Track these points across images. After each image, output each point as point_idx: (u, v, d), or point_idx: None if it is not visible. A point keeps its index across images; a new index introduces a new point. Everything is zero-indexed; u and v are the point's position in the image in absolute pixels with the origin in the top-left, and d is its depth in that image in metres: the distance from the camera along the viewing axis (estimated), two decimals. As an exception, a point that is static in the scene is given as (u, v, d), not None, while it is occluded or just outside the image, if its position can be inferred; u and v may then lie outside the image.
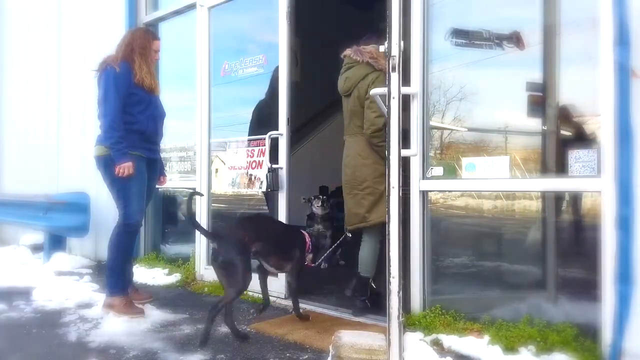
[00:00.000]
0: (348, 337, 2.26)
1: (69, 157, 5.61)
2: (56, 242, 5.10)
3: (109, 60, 3.17)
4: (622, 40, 2.08)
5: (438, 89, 2.86)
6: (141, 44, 3.25)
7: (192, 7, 4.37)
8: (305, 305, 3.30)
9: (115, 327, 2.91)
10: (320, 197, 4.59)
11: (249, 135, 3.97)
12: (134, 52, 3.20)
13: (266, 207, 4.00)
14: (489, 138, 2.80)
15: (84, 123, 5.22)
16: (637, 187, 2.05)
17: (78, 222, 4.88)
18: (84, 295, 3.59)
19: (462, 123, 2.85)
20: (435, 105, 2.89)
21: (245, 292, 3.65)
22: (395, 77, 2.09)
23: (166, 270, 4.30)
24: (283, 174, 3.61)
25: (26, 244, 5.62)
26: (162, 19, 4.80)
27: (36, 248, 5.43)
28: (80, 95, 5.34)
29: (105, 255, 3.32)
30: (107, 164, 3.09)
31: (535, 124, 2.69)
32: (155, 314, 3.16)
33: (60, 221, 4.91)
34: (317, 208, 4.58)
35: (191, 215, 3.04)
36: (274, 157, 3.64)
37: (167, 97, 3.57)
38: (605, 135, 2.17)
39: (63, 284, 3.96)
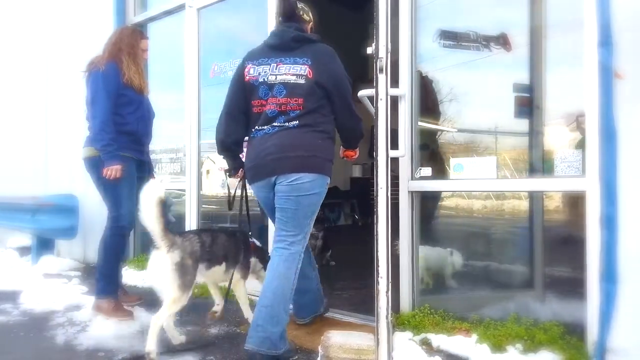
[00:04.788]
0: (337, 337, 2.27)
1: (56, 158, 5.56)
2: (44, 244, 5.05)
3: (97, 61, 3.14)
4: (606, 41, 2.11)
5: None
6: (129, 43, 3.23)
7: (181, 7, 4.36)
8: (295, 306, 3.30)
9: (104, 329, 2.89)
10: None
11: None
12: (122, 51, 3.18)
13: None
14: (476, 139, 2.83)
15: (71, 124, 5.17)
16: (621, 187, 2.08)
17: (66, 224, 4.84)
18: (72, 298, 3.56)
19: (450, 124, 2.87)
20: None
21: (234, 294, 3.66)
22: (382, 79, 2.10)
23: (156, 272, 4.28)
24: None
25: (14, 247, 5.56)
26: (151, 19, 4.77)
27: (24, 250, 5.37)
28: (68, 96, 5.29)
29: (94, 258, 3.30)
30: (97, 165, 3.06)
31: (522, 124, 2.72)
32: (144, 316, 3.13)
33: (49, 223, 4.86)
34: None
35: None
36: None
37: (157, 98, 3.55)
38: (590, 135, 2.20)
39: (51, 286, 3.92)
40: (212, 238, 2.69)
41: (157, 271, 2.45)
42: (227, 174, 2.82)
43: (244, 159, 2.67)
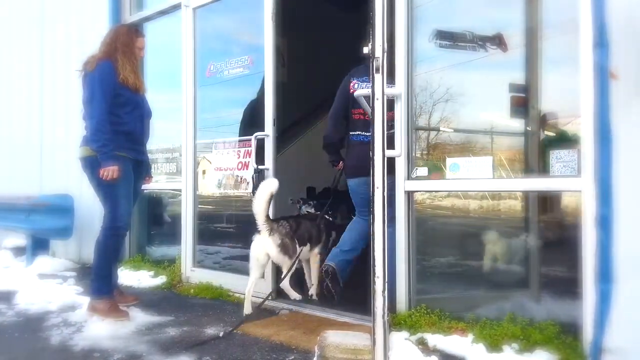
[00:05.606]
0: (333, 337, 2.26)
1: (52, 157, 5.54)
2: (39, 245, 5.04)
3: (93, 60, 3.12)
4: (601, 42, 2.12)
5: (424, 90, 2.89)
6: (124, 41, 3.21)
7: (177, 7, 4.34)
8: (291, 306, 3.30)
9: (100, 330, 2.88)
10: (311, 202, 4.60)
11: (239, 135, 3.96)
12: (117, 50, 3.16)
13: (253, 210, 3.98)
14: (472, 138, 2.83)
15: (67, 123, 5.15)
16: (616, 187, 2.09)
17: (62, 225, 4.82)
18: (67, 299, 3.55)
19: (447, 124, 2.88)
20: (422, 106, 2.92)
21: (230, 294, 3.66)
22: (379, 79, 2.10)
23: (152, 273, 4.27)
24: (269, 175, 3.61)
25: (8, 247, 5.53)
26: (147, 19, 4.76)
27: (19, 251, 5.34)
28: (64, 95, 5.27)
29: (89, 258, 3.28)
30: (93, 165, 3.03)
31: (518, 124, 2.73)
32: (140, 317, 3.13)
33: (44, 224, 4.84)
34: (306, 212, 4.60)
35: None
36: (260, 158, 3.64)
37: (153, 97, 3.53)
38: (585, 135, 2.21)
39: (46, 287, 3.91)
40: (297, 224, 3.34)
41: (262, 250, 3.14)
42: (331, 164, 3.58)
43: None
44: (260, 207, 3.09)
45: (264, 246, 3.13)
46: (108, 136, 2.99)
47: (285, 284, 3.22)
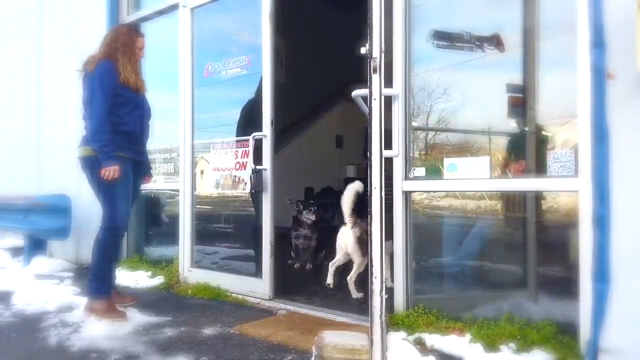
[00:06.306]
0: (331, 338, 2.26)
1: (50, 157, 5.52)
2: (36, 245, 5.02)
3: (93, 60, 3.12)
4: (598, 42, 2.12)
5: (422, 90, 2.89)
6: (124, 41, 3.20)
7: (174, 7, 4.34)
8: (289, 307, 3.30)
9: (97, 330, 2.87)
10: (312, 208, 4.61)
11: (237, 136, 3.95)
12: (117, 50, 3.15)
13: (252, 209, 3.99)
14: (470, 139, 2.84)
15: (65, 123, 5.14)
16: (613, 187, 2.09)
17: (59, 225, 4.80)
18: (64, 299, 3.54)
19: (444, 124, 2.88)
20: (420, 106, 2.92)
21: (228, 294, 3.66)
22: (376, 79, 2.10)
23: (149, 273, 4.26)
24: (267, 175, 3.61)
25: (5, 247, 5.52)
26: (144, 19, 4.74)
27: (16, 251, 5.33)
28: (62, 94, 5.26)
29: (87, 259, 3.27)
30: (92, 165, 3.02)
31: (516, 125, 2.73)
32: (137, 317, 3.12)
33: (41, 224, 4.83)
34: (306, 218, 4.61)
35: None
36: (258, 159, 3.64)
37: (151, 97, 3.53)
38: (582, 136, 2.22)
39: (43, 287, 3.90)
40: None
41: (344, 239, 3.52)
42: None
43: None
44: (347, 203, 3.48)
45: (345, 236, 3.51)
46: (108, 136, 2.99)
47: (352, 281, 3.41)
